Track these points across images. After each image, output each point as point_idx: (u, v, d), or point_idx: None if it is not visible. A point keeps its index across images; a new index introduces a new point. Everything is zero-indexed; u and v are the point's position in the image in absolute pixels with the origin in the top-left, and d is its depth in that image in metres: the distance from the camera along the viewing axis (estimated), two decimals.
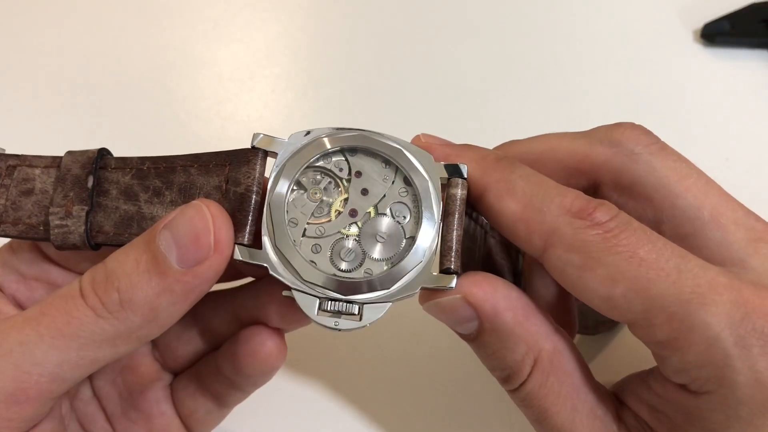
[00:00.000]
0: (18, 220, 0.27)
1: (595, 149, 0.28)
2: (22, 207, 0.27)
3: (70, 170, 0.27)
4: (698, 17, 0.52)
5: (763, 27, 0.50)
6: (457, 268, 0.25)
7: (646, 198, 0.27)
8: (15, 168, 0.28)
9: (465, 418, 0.36)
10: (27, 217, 0.27)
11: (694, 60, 0.51)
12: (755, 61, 0.51)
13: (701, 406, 0.24)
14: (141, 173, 0.27)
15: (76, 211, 0.27)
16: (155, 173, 0.27)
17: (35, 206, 0.27)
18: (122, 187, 0.27)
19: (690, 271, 0.23)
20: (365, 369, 0.38)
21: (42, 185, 0.28)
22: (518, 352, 0.26)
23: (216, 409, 0.31)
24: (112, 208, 0.27)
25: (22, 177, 0.28)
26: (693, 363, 0.23)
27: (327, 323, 0.25)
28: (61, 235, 0.27)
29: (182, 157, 0.27)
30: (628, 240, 0.24)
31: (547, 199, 0.25)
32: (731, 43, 0.51)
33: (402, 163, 0.26)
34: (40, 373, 0.23)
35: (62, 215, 0.27)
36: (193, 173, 0.26)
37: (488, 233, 0.32)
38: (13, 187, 0.28)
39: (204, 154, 0.27)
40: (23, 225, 0.27)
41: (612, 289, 0.24)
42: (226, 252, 0.24)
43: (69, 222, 0.27)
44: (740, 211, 0.27)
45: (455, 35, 0.53)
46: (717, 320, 0.22)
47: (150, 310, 0.24)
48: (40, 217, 0.27)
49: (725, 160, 0.46)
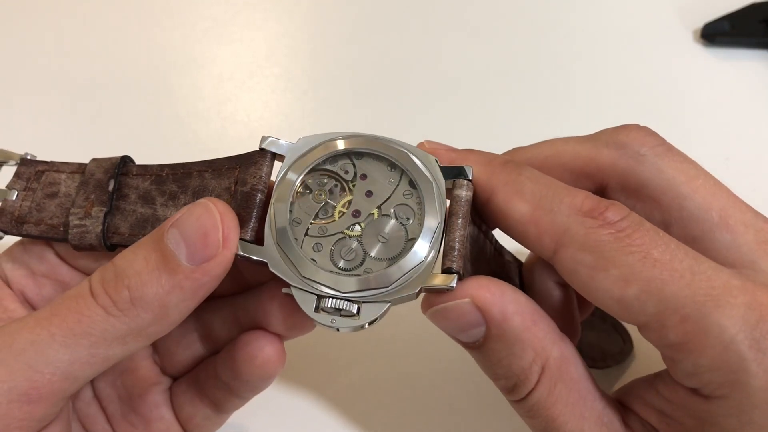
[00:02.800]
0: (40, 220, 0.29)
1: (600, 152, 0.28)
2: (46, 209, 0.29)
3: (94, 174, 0.29)
4: (698, 17, 0.52)
5: (763, 27, 0.50)
6: (459, 268, 0.25)
7: (654, 200, 0.27)
8: (43, 173, 0.30)
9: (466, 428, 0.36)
10: (49, 218, 0.29)
11: (694, 60, 0.51)
12: (755, 61, 0.51)
13: (713, 411, 0.23)
14: (160, 179, 0.28)
15: (95, 212, 0.28)
16: (173, 178, 0.28)
17: (58, 208, 0.29)
18: (141, 192, 0.28)
19: (704, 273, 0.23)
20: (365, 376, 0.38)
21: (66, 189, 0.29)
22: (526, 359, 0.25)
23: (214, 415, 0.31)
24: (130, 211, 0.28)
25: (49, 181, 0.29)
26: (706, 366, 0.23)
27: (324, 321, 0.25)
28: (79, 234, 0.28)
29: (198, 163, 0.28)
30: (641, 240, 0.23)
31: (557, 199, 0.25)
32: (731, 43, 0.51)
33: (407, 166, 0.27)
34: (52, 372, 0.23)
35: (81, 215, 0.28)
36: (207, 177, 0.27)
37: (501, 253, 0.31)
38: (40, 191, 0.29)
39: (218, 159, 0.28)
40: (45, 225, 0.28)
41: (625, 290, 0.23)
42: (233, 249, 0.25)
43: (87, 222, 0.28)
44: (749, 213, 0.26)
45: (455, 36, 0.53)
46: (732, 323, 0.22)
47: (160, 307, 0.24)
48: (62, 218, 0.28)
49: (725, 160, 0.46)
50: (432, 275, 0.25)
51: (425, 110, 0.49)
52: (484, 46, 0.53)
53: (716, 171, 0.28)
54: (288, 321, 0.29)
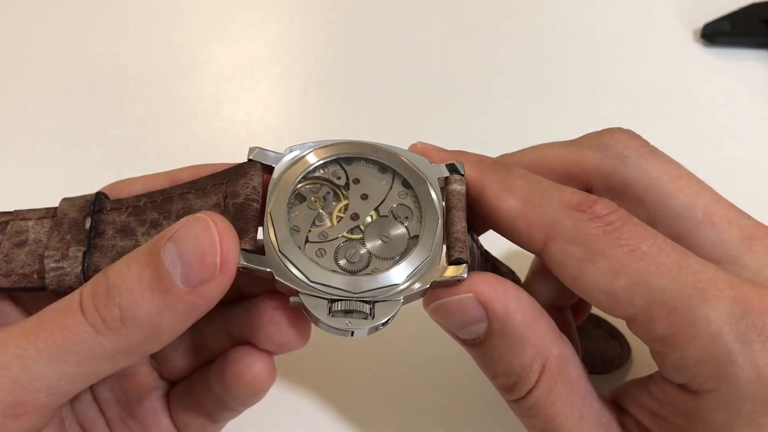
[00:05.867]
0: (10, 271, 0.26)
1: (585, 154, 0.28)
2: (15, 258, 0.27)
3: (67, 214, 0.27)
4: (698, 17, 0.52)
5: (763, 27, 0.51)
6: (466, 257, 0.25)
7: (639, 199, 0.27)
8: (7, 224, 0.28)
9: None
10: (20, 267, 0.26)
11: (694, 60, 0.51)
12: (755, 61, 0.51)
13: (703, 406, 0.23)
14: (137, 210, 0.27)
15: (72, 252, 0.26)
16: (152, 206, 0.27)
17: (28, 256, 0.27)
18: (118, 226, 0.27)
19: (690, 266, 0.23)
20: (365, 376, 0.38)
21: (36, 235, 0.27)
22: (527, 357, 0.25)
23: (209, 424, 0.30)
24: (109, 246, 0.26)
25: (15, 230, 0.27)
26: (693, 359, 0.23)
27: (339, 325, 0.24)
28: (57, 277, 0.26)
29: (179, 186, 0.27)
30: (629, 234, 0.24)
31: (546, 194, 0.25)
32: (731, 43, 0.52)
33: (398, 167, 0.27)
34: (38, 387, 0.23)
35: (58, 258, 0.26)
36: (190, 198, 0.26)
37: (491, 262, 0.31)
38: (6, 241, 0.27)
39: (200, 179, 0.27)
40: (16, 276, 0.26)
41: (614, 283, 0.24)
42: (231, 273, 0.23)
43: (65, 264, 0.26)
44: (732, 210, 0.27)
45: (455, 36, 0.53)
46: (718, 315, 0.22)
47: (152, 327, 0.23)
48: (34, 266, 0.26)
49: (725, 160, 0.46)
50: (442, 268, 0.25)
51: (426, 110, 0.49)
52: (484, 47, 0.53)
53: (716, 171, 0.28)
54: (278, 337, 0.28)
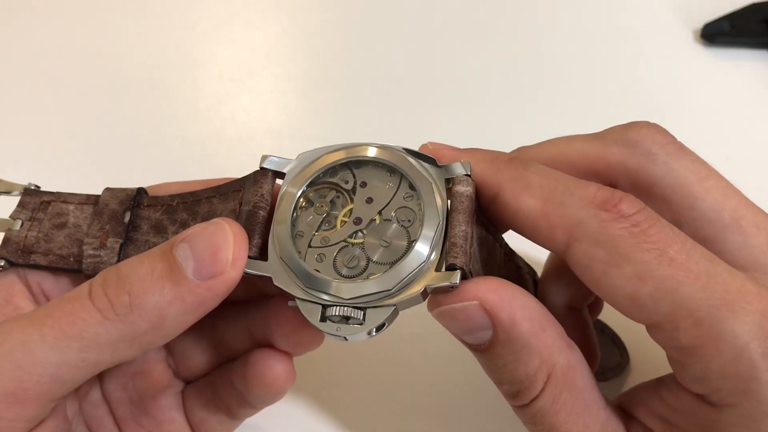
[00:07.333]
0: (49, 250, 0.28)
1: (609, 150, 0.27)
2: (54, 239, 0.29)
3: (108, 205, 0.29)
4: (698, 17, 0.52)
5: (763, 27, 0.51)
6: (462, 264, 0.24)
7: (665, 199, 0.26)
8: (49, 203, 0.30)
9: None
10: (58, 249, 0.28)
11: (694, 60, 0.51)
12: (755, 61, 0.51)
13: (721, 419, 0.23)
14: (170, 209, 0.29)
15: (110, 243, 0.28)
16: (183, 207, 0.29)
17: (67, 239, 0.29)
18: (153, 222, 0.29)
19: (719, 276, 0.22)
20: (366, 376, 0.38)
21: (75, 220, 0.29)
22: (532, 366, 0.24)
23: (228, 420, 0.31)
24: (143, 241, 0.28)
25: (56, 212, 0.29)
26: (717, 372, 0.22)
27: (330, 330, 0.24)
28: (93, 264, 0.28)
29: (207, 190, 0.29)
30: (657, 236, 0.23)
31: (568, 191, 0.24)
32: (731, 43, 0.51)
33: (405, 169, 0.26)
34: (40, 373, 0.23)
35: (96, 246, 0.28)
36: (215, 203, 0.28)
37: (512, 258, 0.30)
38: (47, 221, 0.29)
39: (224, 184, 0.28)
40: (54, 255, 0.28)
41: (639, 288, 0.22)
42: (240, 269, 0.24)
43: (102, 253, 0.28)
44: (761, 215, 0.26)
45: (455, 36, 0.53)
46: (746, 330, 0.21)
47: (158, 317, 0.23)
48: (71, 249, 0.28)
49: (725, 160, 0.46)
50: (435, 274, 0.25)
51: (425, 110, 0.49)
52: (484, 47, 0.53)
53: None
54: (293, 338, 0.28)
